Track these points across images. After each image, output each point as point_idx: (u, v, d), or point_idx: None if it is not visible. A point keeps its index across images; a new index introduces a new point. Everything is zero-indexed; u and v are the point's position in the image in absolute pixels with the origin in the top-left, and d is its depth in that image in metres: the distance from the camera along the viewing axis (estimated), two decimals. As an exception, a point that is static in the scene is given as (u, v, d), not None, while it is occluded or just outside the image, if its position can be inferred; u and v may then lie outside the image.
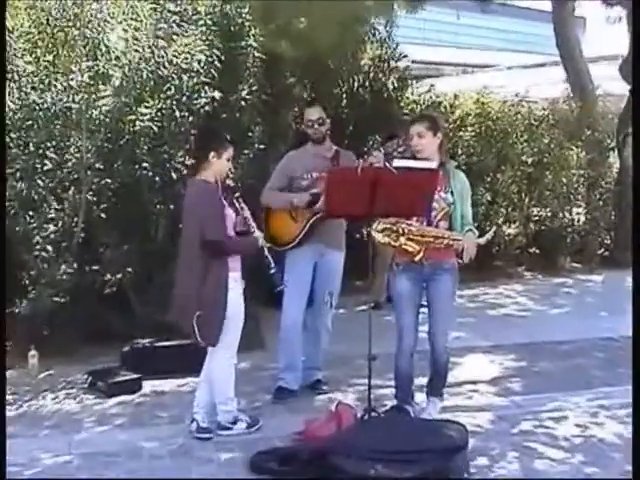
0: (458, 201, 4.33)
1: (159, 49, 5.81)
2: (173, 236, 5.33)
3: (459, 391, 5.03)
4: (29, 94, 5.62)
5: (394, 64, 8.63)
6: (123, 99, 5.78)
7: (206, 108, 5.96)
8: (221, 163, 4.25)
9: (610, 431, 4.33)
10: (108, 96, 5.78)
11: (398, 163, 4.13)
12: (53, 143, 5.75)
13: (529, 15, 18.09)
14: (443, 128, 4.48)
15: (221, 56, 6.09)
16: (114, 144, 5.91)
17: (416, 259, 4.19)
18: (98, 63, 5.84)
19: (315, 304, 4.97)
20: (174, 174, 5.90)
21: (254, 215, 4.39)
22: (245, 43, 6.43)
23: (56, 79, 5.76)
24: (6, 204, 5.27)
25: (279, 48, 6.59)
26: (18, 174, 5.60)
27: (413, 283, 4.31)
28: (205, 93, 5.91)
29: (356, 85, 8.46)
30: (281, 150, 6.06)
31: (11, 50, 5.56)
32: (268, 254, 4.33)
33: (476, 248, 4.26)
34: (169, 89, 5.86)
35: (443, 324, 4.38)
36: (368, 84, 8.52)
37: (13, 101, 5.57)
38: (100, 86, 5.84)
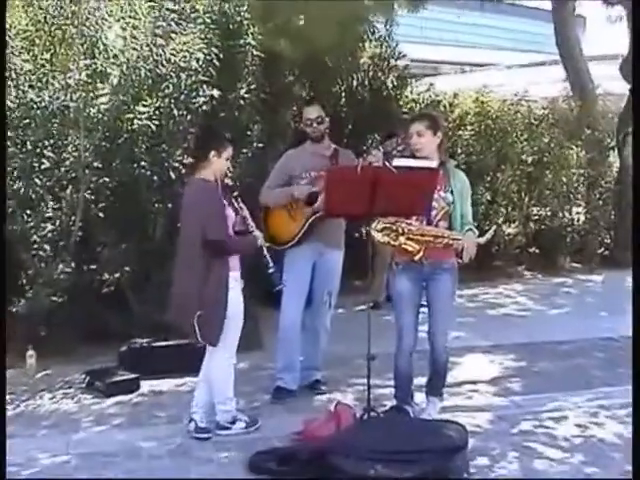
0: (458, 200, 4.31)
1: (157, 47, 5.79)
2: (171, 235, 5.31)
3: (459, 391, 5.02)
4: (26, 92, 5.59)
5: (393, 63, 8.61)
6: (121, 97, 5.75)
7: (204, 107, 5.95)
8: (221, 162, 4.24)
9: (610, 431, 4.32)
10: (106, 94, 5.75)
11: (398, 162, 4.12)
12: (51, 142, 5.73)
13: (528, 14, 18.09)
14: (443, 127, 4.46)
15: (219, 54, 6.08)
16: (112, 143, 5.89)
17: (416, 258, 4.18)
18: (96, 61, 5.81)
19: (314, 304, 4.95)
20: (172, 173, 5.89)
21: (252, 214, 4.37)
22: (244, 41, 6.42)
23: (54, 77, 5.73)
24: (6, 204, 5.25)
25: (278, 47, 6.58)
26: (15, 173, 5.58)
27: (413, 283, 4.30)
28: (203, 92, 5.89)
29: (355, 84, 8.45)
30: (280, 149, 6.04)
31: (8, 48, 5.52)
32: (267, 253, 4.31)
33: (476, 248, 4.24)
34: (167, 87, 5.85)
35: (443, 324, 4.37)
36: (367, 83, 8.50)
37: (10, 99, 5.54)
38: (98, 84, 5.81)
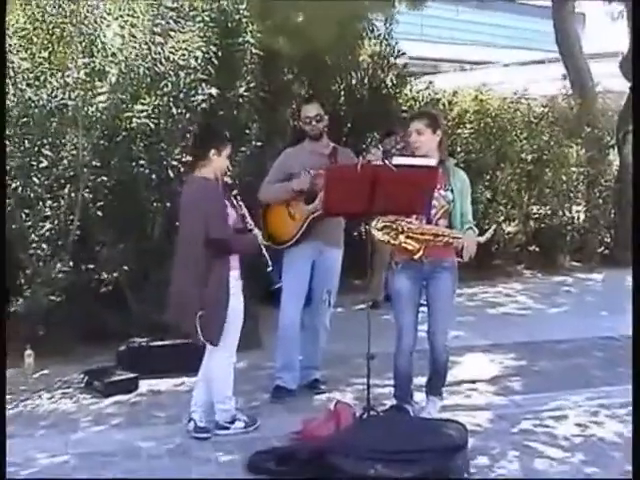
0: (458, 199, 4.31)
1: (156, 45, 5.77)
2: (170, 234, 5.29)
3: (458, 390, 5.01)
4: (24, 91, 5.55)
5: (393, 61, 8.58)
6: (119, 96, 5.72)
7: (203, 105, 5.93)
8: (221, 160, 4.23)
9: (610, 430, 4.32)
10: (104, 93, 5.72)
11: (397, 160, 4.10)
12: (49, 140, 5.69)
13: (528, 11, 18.04)
14: (442, 125, 4.45)
15: (218, 53, 6.05)
16: (110, 141, 5.86)
17: (415, 257, 4.17)
18: (94, 60, 5.77)
19: (313, 303, 4.93)
20: (171, 171, 5.87)
21: (251, 213, 4.35)
22: (242, 40, 6.37)
23: (52, 76, 5.69)
24: (6, 205, 5.23)
25: (277, 45, 6.57)
26: (13, 172, 5.55)
27: (412, 281, 4.28)
28: (202, 90, 5.87)
29: (354, 82, 8.42)
30: (279, 147, 6.02)
31: (6, 46, 5.50)
32: (265, 252, 4.29)
33: (476, 246, 4.23)
34: (166, 86, 5.82)
35: (443, 323, 4.36)
36: (366, 81, 8.47)
37: (8, 98, 5.51)
38: (96, 83, 5.77)
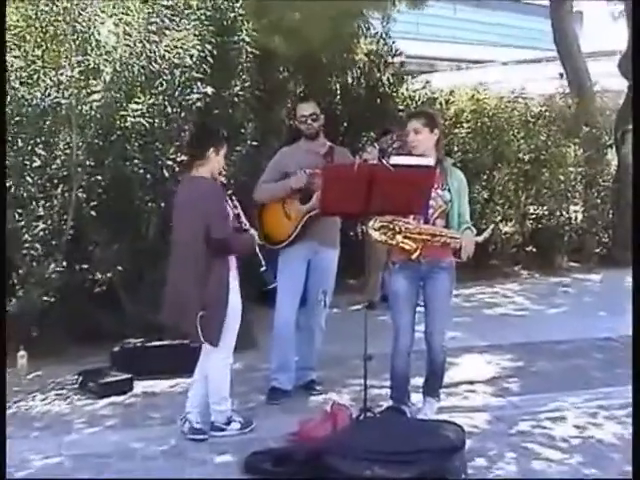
0: (455, 199, 4.28)
1: (150, 44, 5.75)
2: (164, 234, 5.26)
3: (456, 391, 4.98)
4: (17, 89, 5.52)
5: (389, 60, 8.55)
6: (114, 95, 5.70)
7: (198, 104, 5.90)
8: (218, 160, 4.22)
9: (609, 432, 4.28)
10: (98, 92, 5.69)
11: (394, 160, 4.07)
12: (42, 139, 5.66)
13: (526, 10, 18.00)
14: (440, 125, 4.42)
15: (213, 51, 6.03)
16: (104, 140, 5.84)
17: (413, 257, 4.15)
18: (88, 58, 5.74)
19: (309, 303, 4.90)
20: (165, 171, 5.85)
21: (246, 213, 4.32)
22: (238, 38, 6.36)
23: (45, 74, 5.66)
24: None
25: (272, 43, 6.53)
26: (6, 171, 5.50)
27: (410, 282, 4.26)
28: (197, 89, 5.85)
29: (350, 81, 8.39)
30: (274, 147, 5.99)
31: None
32: (259, 252, 4.26)
33: (474, 246, 4.21)
34: (161, 84, 5.80)
35: (440, 323, 4.34)
36: (363, 80, 8.45)
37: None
38: (90, 81, 5.75)
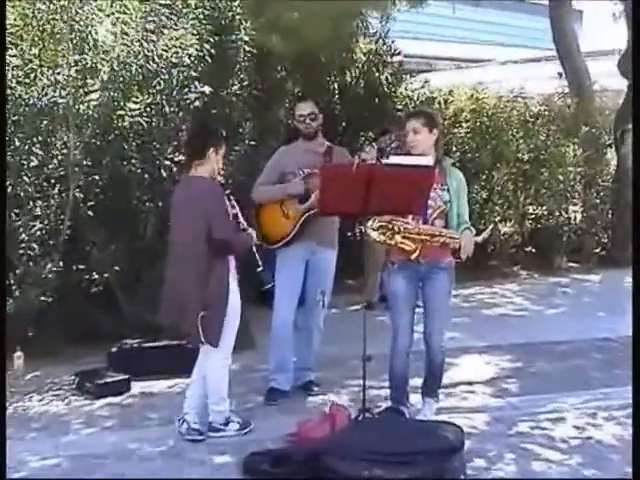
0: (454, 199, 4.27)
1: (148, 43, 5.72)
2: (162, 234, 5.24)
3: (455, 392, 4.97)
4: (14, 89, 5.50)
5: (388, 59, 8.53)
6: (111, 94, 5.68)
7: (196, 103, 5.89)
8: (217, 160, 4.20)
9: (608, 432, 4.27)
10: (96, 91, 5.68)
11: (393, 160, 4.05)
12: (39, 139, 5.63)
13: (525, 9, 17.94)
14: (439, 124, 4.40)
15: (211, 50, 6.01)
16: (102, 140, 5.81)
17: (412, 257, 4.13)
18: (85, 57, 5.72)
19: (307, 303, 4.88)
20: (163, 171, 5.84)
21: (243, 213, 4.30)
22: (236, 37, 6.35)
23: (42, 73, 5.63)
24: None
25: (270, 42, 6.52)
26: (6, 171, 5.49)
27: (409, 282, 4.24)
28: (195, 88, 5.83)
29: (349, 80, 8.37)
30: (272, 146, 5.97)
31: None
32: (256, 252, 4.25)
33: (473, 246, 4.19)
34: (158, 84, 5.78)
35: (439, 323, 4.32)
36: (361, 79, 8.42)
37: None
38: (88, 81, 5.73)
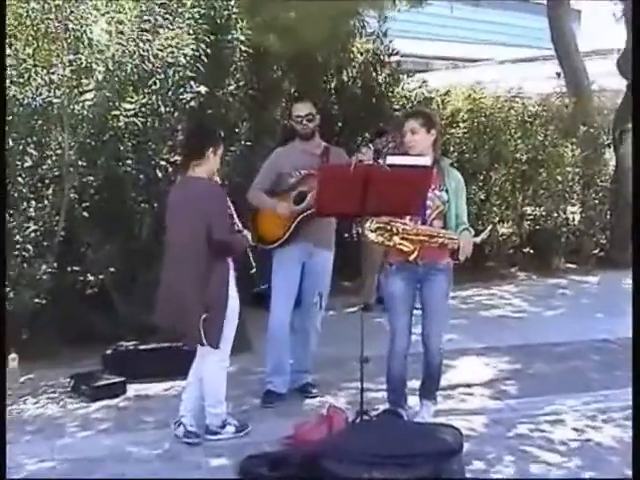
0: (453, 199, 4.24)
1: (144, 42, 5.69)
2: (157, 235, 5.22)
3: (453, 394, 4.95)
4: (8, 88, 5.44)
5: (385, 59, 8.49)
6: (106, 94, 5.65)
7: (192, 103, 5.86)
8: (215, 160, 4.18)
9: (607, 434, 4.25)
10: (91, 91, 5.66)
11: (391, 160, 4.02)
12: (34, 139, 5.61)
13: (523, 8, 17.92)
14: (437, 125, 4.38)
15: (207, 50, 5.97)
16: (97, 140, 5.79)
17: (410, 259, 4.11)
18: (80, 57, 5.68)
19: (304, 305, 4.85)
20: (159, 171, 5.81)
21: (239, 213, 4.28)
22: (232, 36, 6.32)
23: (36, 73, 5.60)
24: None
25: (267, 42, 6.49)
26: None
27: (407, 283, 4.22)
28: (191, 88, 5.81)
29: (346, 80, 8.34)
30: (269, 147, 5.96)
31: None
32: (250, 253, 4.23)
33: (472, 247, 4.17)
34: (154, 84, 5.75)
35: (437, 325, 4.30)
36: (359, 79, 8.39)
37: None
38: (82, 80, 5.70)
